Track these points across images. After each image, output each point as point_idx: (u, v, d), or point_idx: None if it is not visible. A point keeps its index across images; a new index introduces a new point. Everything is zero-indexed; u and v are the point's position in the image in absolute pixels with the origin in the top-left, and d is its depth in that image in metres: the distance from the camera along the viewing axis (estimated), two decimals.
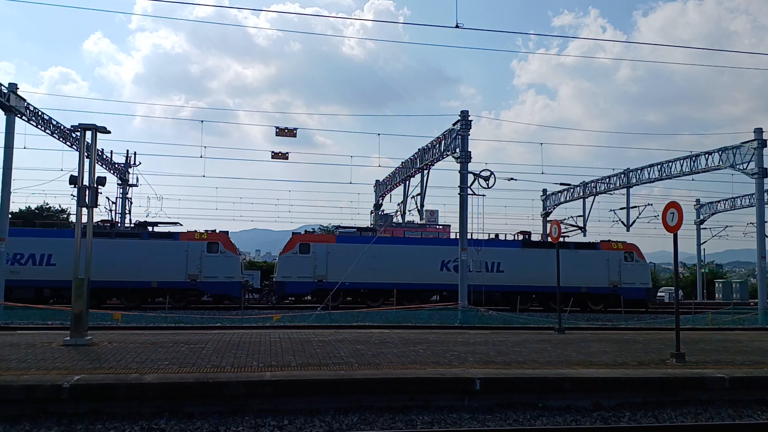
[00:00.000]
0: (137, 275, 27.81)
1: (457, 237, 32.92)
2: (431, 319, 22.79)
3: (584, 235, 38.80)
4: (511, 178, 29.41)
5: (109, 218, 36.54)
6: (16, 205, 47.83)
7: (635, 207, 36.37)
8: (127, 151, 38.63)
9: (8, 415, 7.22)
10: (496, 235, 32.87)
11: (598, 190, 37.64)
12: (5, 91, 22.54)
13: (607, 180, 37.02)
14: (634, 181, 34.54)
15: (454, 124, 25.43)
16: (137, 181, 38.59)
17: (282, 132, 26.38)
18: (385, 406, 7.96)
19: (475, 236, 27.86)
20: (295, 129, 26.53)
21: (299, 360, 9.45)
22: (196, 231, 29.58)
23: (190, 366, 8.77)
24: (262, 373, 8.32)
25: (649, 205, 36.56)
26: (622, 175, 35.44)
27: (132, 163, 38.14)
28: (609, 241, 33.43)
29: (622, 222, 37.01)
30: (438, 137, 27.15)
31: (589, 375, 8.85)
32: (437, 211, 69.45)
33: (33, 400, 7.35)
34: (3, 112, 22.76)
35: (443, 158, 26.96)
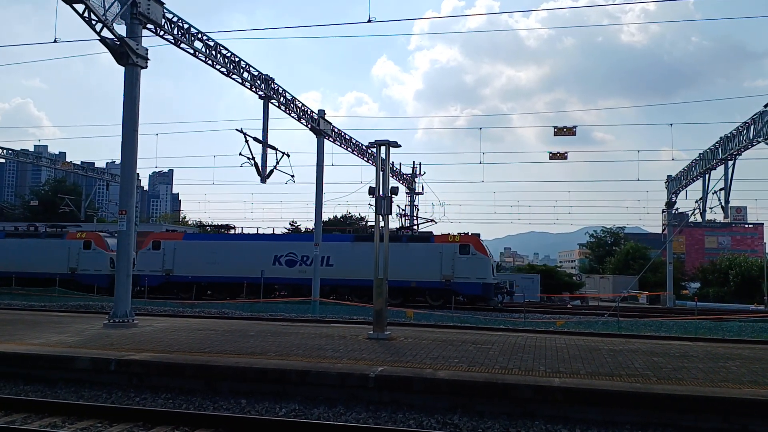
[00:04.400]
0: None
1: (286, 232, 33.48)
2: (743, 331, 19.79)
3: None
4: None
5: (400, 224, 39.80)
6: (325, 214, 55.23)
7: None
8: (413, 162, 41.82)
9: (326, 398, 8.30)
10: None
11: None
12: (316, 117, 26.20)
13: None
14: None
15: (766, 105, 21.90)
16: (422, 189, 41.47)
17: (560, 131, 25.66)
18: (691, 426, 7.16)
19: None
20: (575, 127, 25.56)
21: (588, 368, 9.02)
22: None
23: (478, 365, 9.03)
24: (550, 378, 8.16)
25: None
26: None
27: (417, 173, 41.11)
28: (448, 234, 30.20)
29: None
30: (746, 122, 23.65)
31: None
32: (745, 207, 60.42)
33: (345, 386, 8.34)
34: (315, 135, 26.49)
35: (753, 146, 23.40)
